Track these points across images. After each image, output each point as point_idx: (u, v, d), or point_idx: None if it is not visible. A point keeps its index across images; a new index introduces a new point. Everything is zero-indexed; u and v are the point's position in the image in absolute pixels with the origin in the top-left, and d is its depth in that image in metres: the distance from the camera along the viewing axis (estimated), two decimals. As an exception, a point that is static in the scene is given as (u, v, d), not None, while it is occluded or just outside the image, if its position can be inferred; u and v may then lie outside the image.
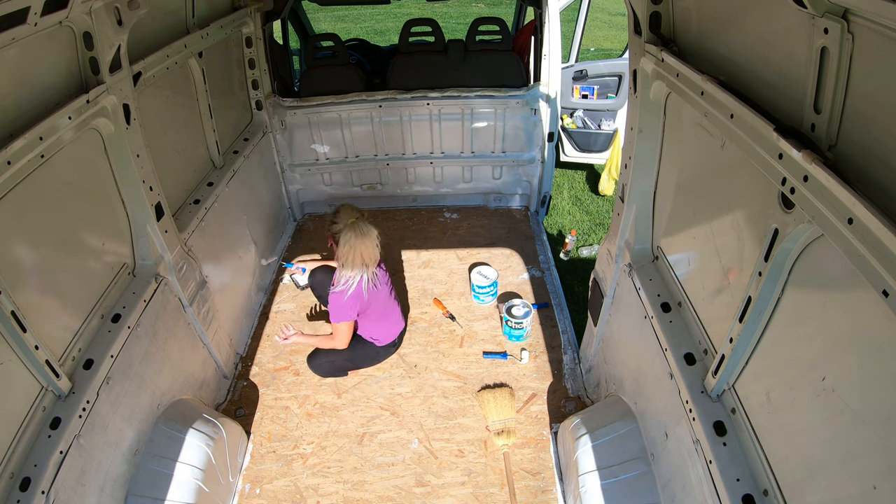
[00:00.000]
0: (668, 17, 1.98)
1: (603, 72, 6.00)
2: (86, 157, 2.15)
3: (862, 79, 1.14)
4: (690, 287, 2.11)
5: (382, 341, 3.18)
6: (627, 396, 2.48)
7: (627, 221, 2.47)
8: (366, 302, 2.96)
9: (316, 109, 4.13)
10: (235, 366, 3.29)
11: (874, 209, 1.03)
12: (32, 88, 1.83)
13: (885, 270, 1.02)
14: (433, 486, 2.65)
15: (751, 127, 1.42)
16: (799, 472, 1.46)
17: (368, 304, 2.98)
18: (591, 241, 5.36)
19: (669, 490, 2.01)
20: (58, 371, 1.91)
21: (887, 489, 1.13)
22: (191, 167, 3.10)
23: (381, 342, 3.18)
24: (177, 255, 2.61)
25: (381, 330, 3.15)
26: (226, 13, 3.33)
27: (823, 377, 1.32)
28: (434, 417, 2.95)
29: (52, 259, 2.01)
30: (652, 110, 2.17)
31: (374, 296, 2.99)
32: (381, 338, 3.17)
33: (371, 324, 3.11)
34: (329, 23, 13.83)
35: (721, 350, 1.76)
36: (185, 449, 2.34)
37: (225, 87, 3.55)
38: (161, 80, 2.67)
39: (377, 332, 3.15)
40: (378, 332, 3.15)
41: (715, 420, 1.78)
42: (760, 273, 1.51)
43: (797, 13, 1.24)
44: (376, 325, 3.13)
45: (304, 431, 2.91)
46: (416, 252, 4.14)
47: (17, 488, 1.71)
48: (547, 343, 3.37)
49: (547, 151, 4.31)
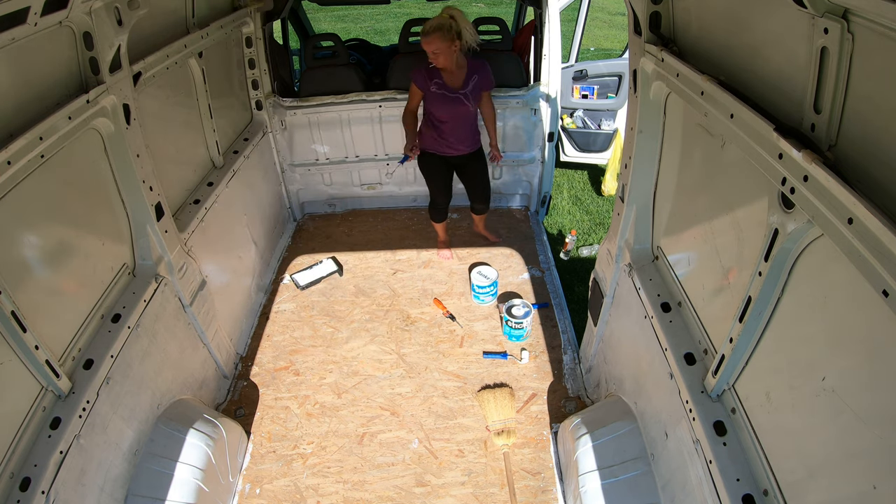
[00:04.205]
0: (668, 17, 1.98)
1: (603, 72, 6.00)
2: (86, 157, 2.15)
3: (862, 79, 1.14)
4: (690, 287, 2.11)
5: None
6: (627, 396, 2.48)
7: (627, 221, 2.47)
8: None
9: (316, 109, 4.13)
10: (235, 366, 3.29)
11: (874, 209, 1.03)
12: (32, 88, 1.83)
13: (885, 270, 1.02)
14: (433, 486, 2.65)
15: (751, 127, 1.42)
16: (799, 472, 1.46)
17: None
18: (591, 241, 5.36)
19: (669, 490, 2.01)
20: (58, 371, 1.91)
21: (887, 489, 1.13)
22: (191, 167, 3.10)
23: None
24: (177, 255, 2.61)
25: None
26: (226, 13, 3.33)
27: (823, 377, 1.32)
28: (434, 417, 2.95)
29: (52, 259, 2.01)
30: (652, 110, 2.17)
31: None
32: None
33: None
34: (329, 23, 13.82)
35: (721, 350, 1.76)
36: (185, 449, 2.34)
37: (225, 87, 3.55)
38: (161, 80, 2.67)
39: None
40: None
41: (715, 420, 1.78)
42: (760, 273, 1.51)
43: (797, 13, 1.24)
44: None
45: (304, 431, 2.91)
46: (416, 252, 4.14)
47: (17, 488, 1.71)
48: (547, 343, 3.37)
49: (547, 151, 4.31)
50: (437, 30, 3.14)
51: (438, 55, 3.20)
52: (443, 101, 3.39)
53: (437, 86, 3.36)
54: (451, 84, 3.37)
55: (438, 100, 3.39)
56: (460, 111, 3.42)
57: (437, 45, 3.17)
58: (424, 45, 3.21)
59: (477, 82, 3.40)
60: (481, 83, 3.42)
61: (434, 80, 3.35)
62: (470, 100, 3.40)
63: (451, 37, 3.17)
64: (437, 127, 3.51)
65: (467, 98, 3.39)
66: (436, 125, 3.51)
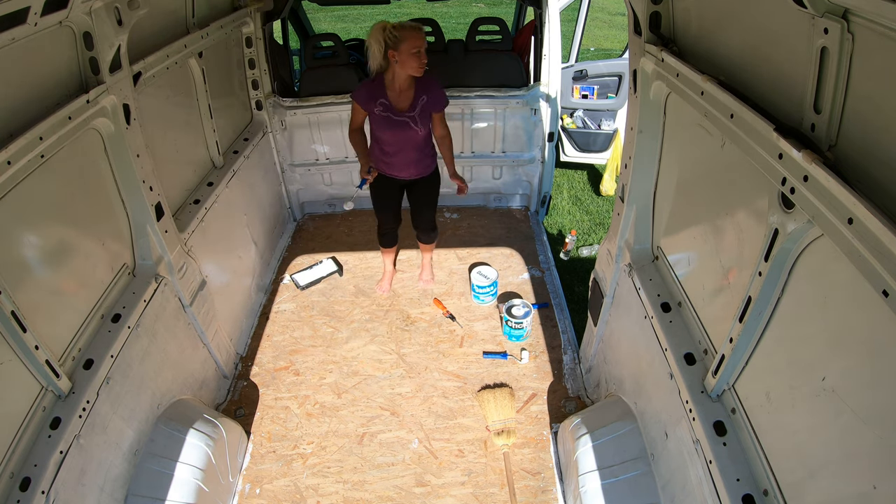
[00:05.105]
0: (668, 17, 1.98)
1: (603, 72, 6.00)
2: (86, 157, 2.15)
3: (862, 79, 1.14)
4: (690, 287, 2.11)
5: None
6: (627, 396, 2.48)
7: (627, 221, 2.47)
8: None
9: (316, 109, 4.13)
10: (235, 366, 3.29)
11: (874, 209, 1.03)
12: (32, 88, 1.83)
13: (885, 270, 1.02)
14: (433, 486, 2.65)
15: (751, 127, 1.42)
16: (799, 472, 1.46)
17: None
18: (591, 241, 5.36)
19: (669, 490, 2.01)
20: (58, 371, 1.91)
21: (887, 489, 1.13)
22: (191, 167, 3.10)
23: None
24: (177, 255, 2.61)
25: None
26: (226, 13, 3.33)
27: (823, 377, 1.32)
28: (434, 417, 2.95)
29: (52, 259, 2.01)
30: (652, 110, 2.17)
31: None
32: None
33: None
34: (329, 23, 13.82)
35: (721, 350, 1.76)
36: (185, 449, 2.34)
37: (225, 87, 3.55)
38: (161, 80, 2.67)
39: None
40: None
41: (715, 420, 1.78)
42: (760, 273, 1.51)
43: (797, 13, 1.24)
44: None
45: (304, 431, 2.91)
46: (416, 252, 4.14)
47: (17, 488, 1.71)
48: (547, 343, 3.37)
49: (547, 151, 4.31)
50: (422, 29, 2.84)
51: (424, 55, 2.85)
52: (387, 125, 3.01)
53: (383, 107, 2.97)
54: (398, 105, 2.97)
55: (383, 122, 3.00)
56: (408, 135, 3.05)
57: (425, 43, 2.83)
58: (417, 43, 2.79)
59: (426, 103, 3.00)
60: (431, 104, 3.02)
61: (379, 101, 2.96)
62: (418, 123, 3.02)
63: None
64: (383, 149, 3.15)
65: (415, 122, 3.01)
66: (382, 147, 3.15)
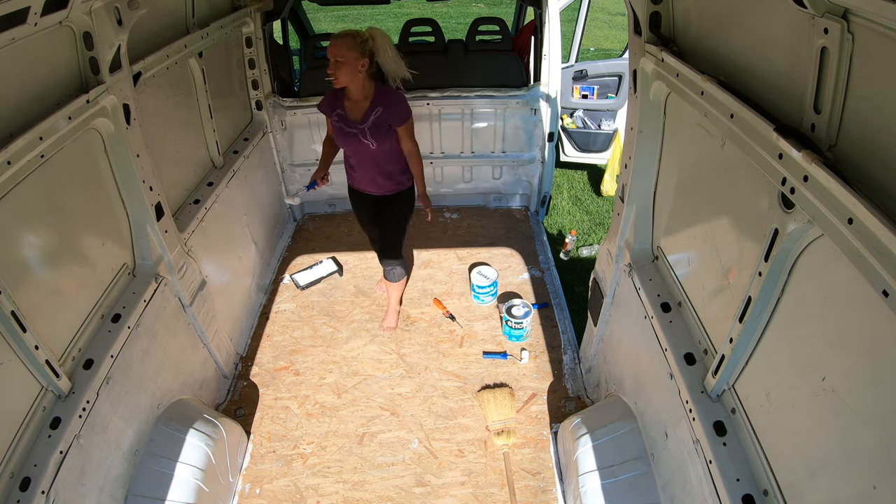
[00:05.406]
0: (668, 17, 1.98)
1: (603, 72, 6.01)
2: (86, 157, 2.15)
3: (862, 79, 1.14)
4: (690, 287, 2.11)
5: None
6: (627, 396, 2.48)
7: (627, 221, 2.47)
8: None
9: (316, 109, 4.13)
10: (235, 366, 3.29)
11: (874, 209, 1.03)
12: (32, 88, 1.83)
13: (885, 270, 1.02)
14: (433, 486, 2.65)
15: (751, 127, 1.42)
16: (799, 472, 1.46)
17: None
18: (591, 241, 5.36)
19: (669, 490, 2.01)
20: (58, 371, 1.91)
21: (887, 489, 1.13)
22: (191, 167, 3.10)
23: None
24: (177, 255, 2.61)
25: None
26: (226, 13, 3.33)
27: (823, 377, 1.32)
28: (434, 417, 2.95)
29: (52, 259, 2.01)
30: (652, 110, 2.17)
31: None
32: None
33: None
34: (329, 23, 13.82)
35: (721, 350, 1.76)
36: (185, 449, 2.34)
37: (225, 87, 3.55)
38: (161, 80, 2.67)
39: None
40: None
41: (715, 420, 1.78)
42: (760, 273, 1.51)
43: (797, 13, 1.24)
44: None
45: (304, 431, 2.91)
46: (416, 252, 4.14)
47: (17, 488, 1.71)
48: (547, 343, 3.37)
49: (547, 151, 4.31)
50: (347, 36, 2.66)
51: (340, 66, 2.64)
52: (341, 136, 2.92)
53: (338, 117, 2.88)
54: (352, 116, 2.85)
55: (339, 133, 2.92)
56: (360, 148, 2.91)
57: (340, 52, 2.63)
58: (329, 50, 2.65)
59: (379, 116, 2.80)
60: (387, 117, 2.81)
61: (336, 111, 2.88)
62: (368, 136, 2.83)
63: (362, 52, 2.66)
64: (348, 161, 3.08)
65: (365, 135, 2.84)
66: (347, 158, 3.09)
